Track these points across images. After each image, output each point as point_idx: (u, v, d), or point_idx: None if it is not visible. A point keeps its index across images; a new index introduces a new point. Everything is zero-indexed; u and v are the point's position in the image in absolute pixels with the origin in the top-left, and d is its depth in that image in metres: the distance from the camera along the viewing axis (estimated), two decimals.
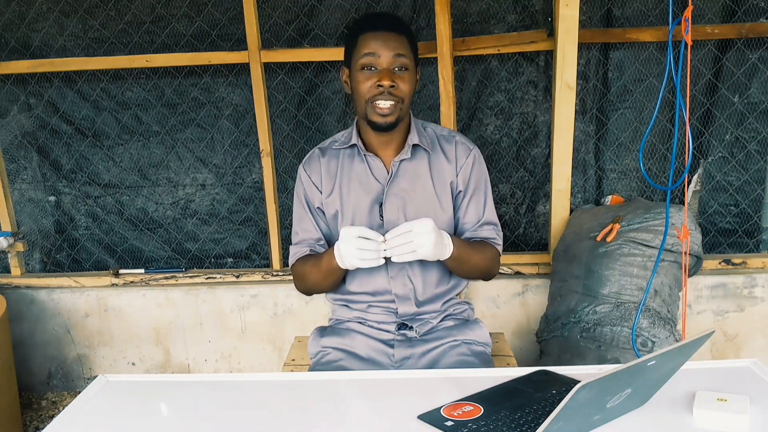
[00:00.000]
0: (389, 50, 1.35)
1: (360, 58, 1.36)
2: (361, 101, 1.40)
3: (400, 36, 1.37)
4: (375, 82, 1.36)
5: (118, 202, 2.71)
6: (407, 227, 1.27)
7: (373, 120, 1.40)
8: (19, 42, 2.56)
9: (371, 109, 1.38)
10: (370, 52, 1.35)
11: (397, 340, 1.51)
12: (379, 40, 1.35)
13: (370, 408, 1.12)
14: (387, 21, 1.41)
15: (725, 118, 2.40)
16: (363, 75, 1.37)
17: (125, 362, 2.72)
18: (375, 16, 1.43)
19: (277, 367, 2.65)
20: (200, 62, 2.48)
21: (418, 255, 1.29)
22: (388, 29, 1.37)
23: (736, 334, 2.44)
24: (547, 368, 1.21)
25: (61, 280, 2.68)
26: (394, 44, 1.35)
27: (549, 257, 2.46)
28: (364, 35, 1.37)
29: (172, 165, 2.66)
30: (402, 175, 1.47)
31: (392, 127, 1.41)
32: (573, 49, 2.22)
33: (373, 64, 1.36)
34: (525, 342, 2.52)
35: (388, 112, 1.37)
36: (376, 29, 1.37)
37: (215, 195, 2.68)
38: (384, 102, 1.36)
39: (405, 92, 1.38)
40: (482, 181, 1.51)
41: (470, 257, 1.43)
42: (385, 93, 1.35)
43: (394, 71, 1.36)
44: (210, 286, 2.63)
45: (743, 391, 1.05)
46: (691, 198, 2.42)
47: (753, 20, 2.29)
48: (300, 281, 1.53)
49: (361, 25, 1.40)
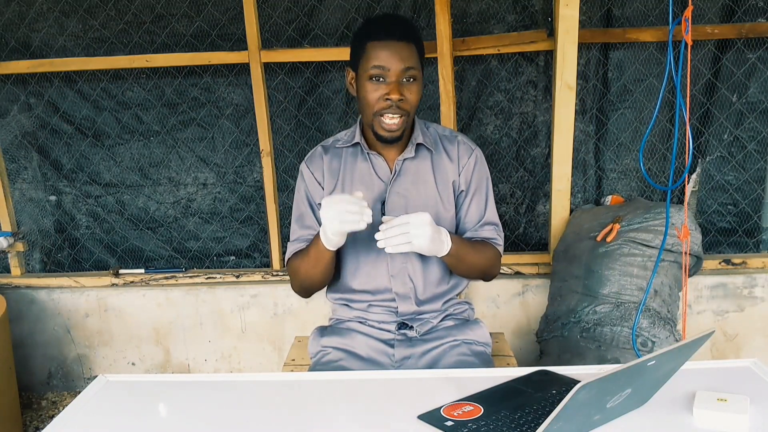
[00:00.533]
0: (399, 62, 1.33)
1: (369, 69, 1.35)
2: (367, 111, 1.39)
3: (409, 45, 1.36)
4: (383, 95, 1.34)
5: (119, 202, 2.71)
6: (404, 219, 1.27)
7: (379, 133, 1.40)
8: (19, 42, 2.56)
9: (378, 123, 1.38)
10: (379, 64, 1.33)
11: (397, 339, 1.51)
12: (389, 50, 1.33)
13: (370, 408, 1.12)
14: (398, 29, 1.37)
15: (725, 118, 2.40)
16: (371, 85, 1.36)
17: (125, 362, 2.72)
18: (386, 22, 1.40)
19: (277, 367, 2.65)
20: (200, 62, 2.49)
21: (413, 247, 1.28)
22: (399, 38, 1.35)
23: (736, 334, 2.44)
24: (547, 368, 1.21)
25: (61, 280, 2.69)
26: (404, 55, 1.34)
27: (549, 257, 2.46)
28: (373, 43, 1.35)
29: (173, 165, 2.66)
30: (405, 174, 1.47)
31: (398, 140, 1.41)
32: (573, 49, 2.22)
33: (382, 76, 1.34)
34: (525, 342, 2.52)
35: (396, 128, 1.37)
36: (387, 38, 1.34)
37: (216, 194, 2.68)
38: (391, 119, 1.36)
39: (413, 103, 1.38)
40: (484, 181, 1.51)
41: (469, 255, 1.42)
42: (394, 107, 1.35)
43: (402, 83, 1.35)
44: (210, 286, 2.63)
45: (743, 391, 1.05)
46: (690, 198, 2.42)
47: (753, 20, 2.29)
48: (294, 277, 1.50)
49: (371, 31, 1.37)
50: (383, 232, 1.27)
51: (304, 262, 1.44)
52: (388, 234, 1.27)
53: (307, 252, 1.42)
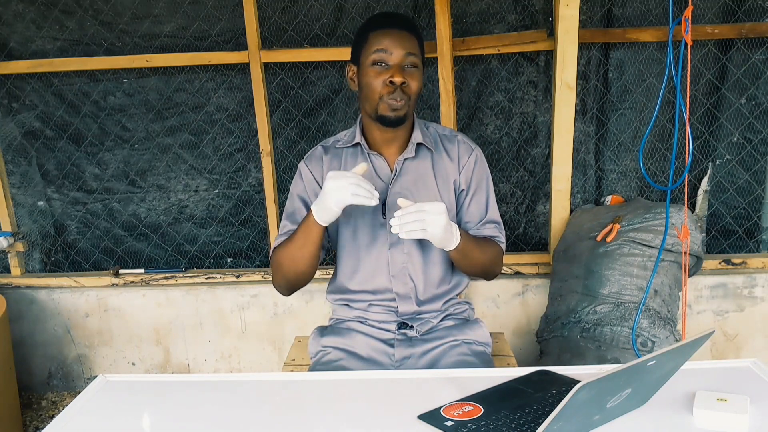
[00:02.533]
0: (401, 48, 1.35)
1: (371, 54, 1.36)
2: (371, 98, 1.39)
3: (411, 35, 1.39)
4: (386, 79, 1.35)
5: (119, 202, 2.71)
6: (420, 206, 1.25)
7: (383, 114, 1.38)
8: (19, 42, 2.56)
9: (383, 106, 1.38)
10: (381, 48, 1.35)
11: (397, 339, 1.51)
12: (391, 37, 1.36)
13: (370, 408, 1.12)
14: (399, 20, 1.42)
15: (725, 118, 2.40)
16: (374, 70, 1.37)
17: (125, 362, 2.72)
18: (387, 14, 1.45)
19: (277, 367, 2.65)
20: (200, 62, 2.48)
21: (426, 234, 1.26)
22: (400, 27, 1.38)
23: (736, 334, 2.44)
24: (547, 368, 1.21)
25: (61, 280, 2.68)
26: (405, 42, 1.36)
27: (549, 257, 2.46)
28: (375, 32, 1.38)
29: (173, 165, 2.66)
30: (406, 174, 1.47)
31: (401, 122, 1.41)
32: (573, 49, 2.22)
33: (384, 60, 1.36)
34: (525, 342, 2.52)
35: (399, 107, 1.37)
36: (389, 26, 1.38)
37: (216, 194, 2.68)
38: (396, 98, 1.36)
39: (414, 90, 1.39)
40: (484, 179, 1.51)
41: (475, 252, 1.42)
42: (398, 90, 1.35)
43: (404, 68, 1.36)
44: (210, 286, 2.63)
45: (743, 391, 1.05)
46: (702, 200, 2.42)
47: (753, 20, 2.29)
48: (277, 269, 1.45)
49: (373, 23, 1.41)
50: (399, 217, 1.26)
51: (290, 246, 1.40)
52: (403, 219, 1.25)
53: (295, 233, 1.39)
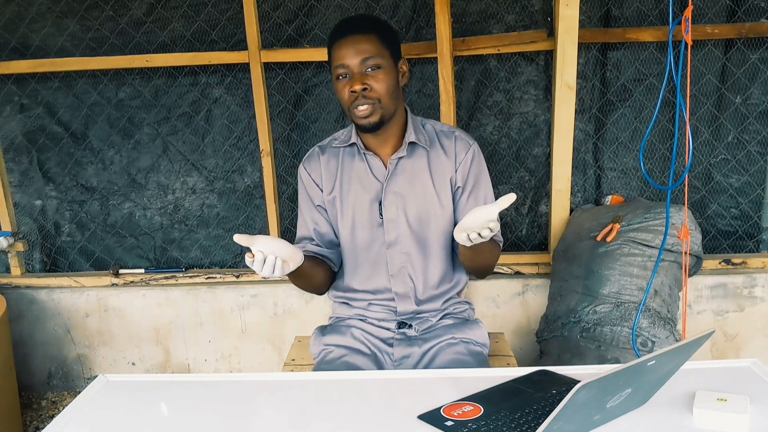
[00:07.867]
0: (356, 55, 1.36)
1: (335, 69, 1.40)
2: (344, 108, 1.43)
3: (368, 36, 1.38)
4: (349, 90, 1.38)
5: (119, 202, 2.71)
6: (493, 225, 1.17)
7: (357, 123, 1.43)
8: (19, 42, 2.56)
9: (353, 116, 1.41)
10: (340, 63, 1.38)
11: (396, 338, 1.51)
12: (346, 47, 1.37)
13: (370, 408, 1.12)
14: (354, 24, 1.42)
15: (725, 118, 2.40)
16: (339, 84, 1.41)
17: (125, 362, 2.72)
18: (344, 21, 1.45)
19: (277, 367, 2.65)
20: (200, 62, 2.48)
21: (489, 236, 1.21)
22: (355, 32, 1.38)
23: (736, 334, 2.44)
24: (547, 368, 1.21)
25: (61, 280, 2.68)
26: (361, 47, 1.37)
27: (549, 257, 2.46)
28: (334, 45, 1.40)
29: (173, 165, 2.66)
30: (400, 173, 1.47)
31: (378, 127, 1.42)
32: (573, 49, 2.22)
33: (346, 72, 1.39)
34: (525, 342, 2.52)
35: (367, 114, 1.39)
36: (344, 35, 1.39)
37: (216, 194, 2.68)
38: (361, 106, 1.38)
39: (380, 91, 1.38)
40: (482, 176, 1.51)
41: (484, 247, 1.38)
42: (360, 97, 1.37)
43: (366, 73, 1.37)
44: (210, 286, 2.63)
45: (743, 391, 1.05)
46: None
47: (753, 20, 2.29)
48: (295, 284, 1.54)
49: (332, 36, 1.42)
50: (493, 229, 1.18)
51: (296, 282, 1.49)
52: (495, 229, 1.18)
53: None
